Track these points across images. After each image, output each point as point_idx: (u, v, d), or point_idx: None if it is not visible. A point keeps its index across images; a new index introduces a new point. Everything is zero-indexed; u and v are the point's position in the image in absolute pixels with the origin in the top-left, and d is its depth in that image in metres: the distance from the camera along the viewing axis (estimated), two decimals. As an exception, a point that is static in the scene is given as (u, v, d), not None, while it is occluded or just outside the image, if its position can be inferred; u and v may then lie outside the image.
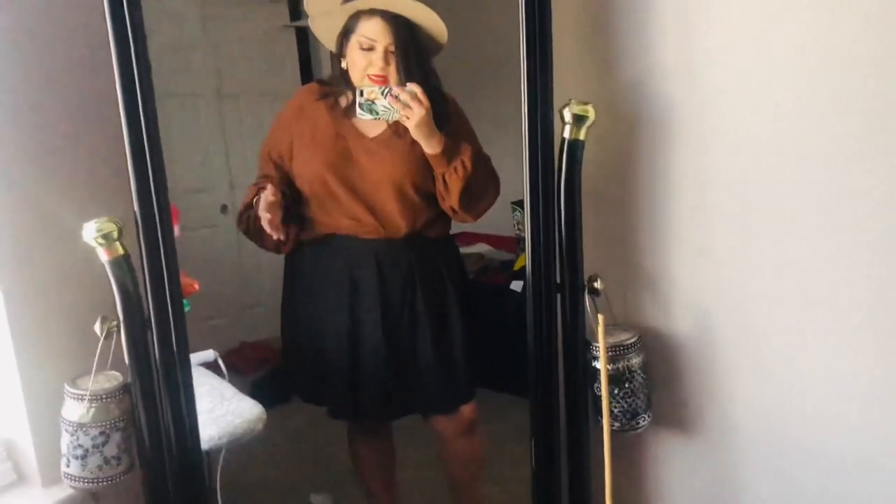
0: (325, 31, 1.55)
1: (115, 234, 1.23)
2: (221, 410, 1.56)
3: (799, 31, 1.24)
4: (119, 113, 1.20)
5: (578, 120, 1.32)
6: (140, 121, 1.22)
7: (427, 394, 1.65)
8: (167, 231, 1.26)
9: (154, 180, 1.23)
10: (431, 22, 1.49)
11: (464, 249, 1.70)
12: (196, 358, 1.53)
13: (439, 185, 1.52)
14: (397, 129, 1.53)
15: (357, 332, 1.61)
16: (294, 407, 2.59)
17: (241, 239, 3.56)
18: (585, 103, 1.31)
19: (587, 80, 1.45)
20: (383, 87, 1.41)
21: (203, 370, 1.66)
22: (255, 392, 1.66)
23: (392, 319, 1.60)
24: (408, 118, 1.41)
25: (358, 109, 1.42)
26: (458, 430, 1.70)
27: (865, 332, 1.28)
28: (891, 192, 1.21)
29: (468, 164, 1.47)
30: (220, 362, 1.65)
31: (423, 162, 1.51)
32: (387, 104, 1.41)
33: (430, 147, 1.46)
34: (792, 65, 1.26)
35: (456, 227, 1.73)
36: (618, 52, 1.42)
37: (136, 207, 1.22)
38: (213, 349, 1.69)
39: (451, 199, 1.52)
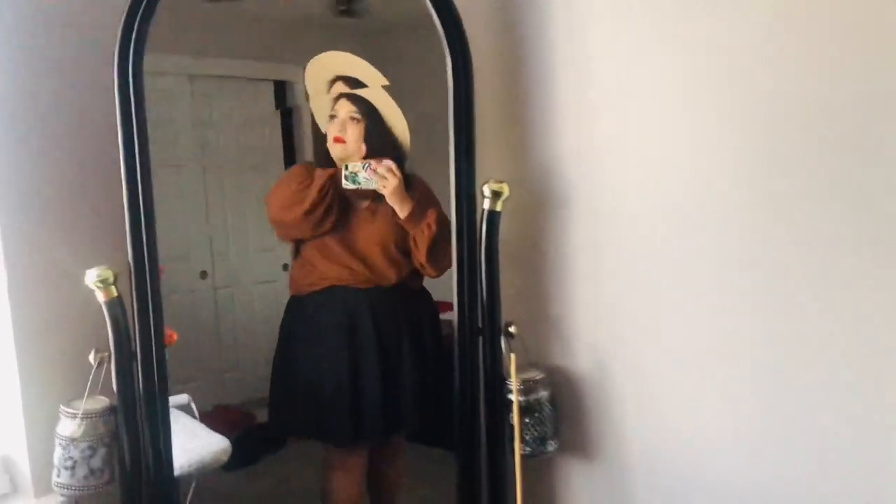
0: (319, 110, 1.91)
1: (111, 280, 1.45)
2: (192, 444, 1.72)
3: (675, 130, 1.53)
4: (120, 177, 1.44)
5: (496, 195, 1.59)
6: (138, 187, 1.46)
7: (409, 418, 1.91)
8: (154, 280, 1.49)
9: (146, 236, 1.47)
10: (391, 113, 1.83)
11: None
12: (172, 401, 1.69)
13: (411, 244, 1.83)
14: (375, 203, 1.84)
15: (357, 365, 1.86)
16: (261, 469, 2.77)
17: (218, 305, 3.75)
18: (501, 181, 1.59)
19: (503, 162, 1.73)
20: (364, 163, 1.74)
21: (177, 412, 1.82)
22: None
23: (385, 353, 1.87)
24: (384, 187, 1.73)
25: (343, 180, 1.74)
26: (399, 452, 1.97)
27: (738, 374, 1.49)
28: (752, 259, 1.44)
29: (433, 225, 1.78)
30: (192, 405, 1.88)
31: (397, 227, 1.82)
32: (367, 175, 1.73)
33: (402, 211, 1.78)
34: (668, 156, 1.54)
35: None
36: (528, 140, 1.72)
37: (130, 258, 1.45)
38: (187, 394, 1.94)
39: (420, 255, 1.82)
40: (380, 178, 1.74)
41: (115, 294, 1.47)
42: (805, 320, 1.40)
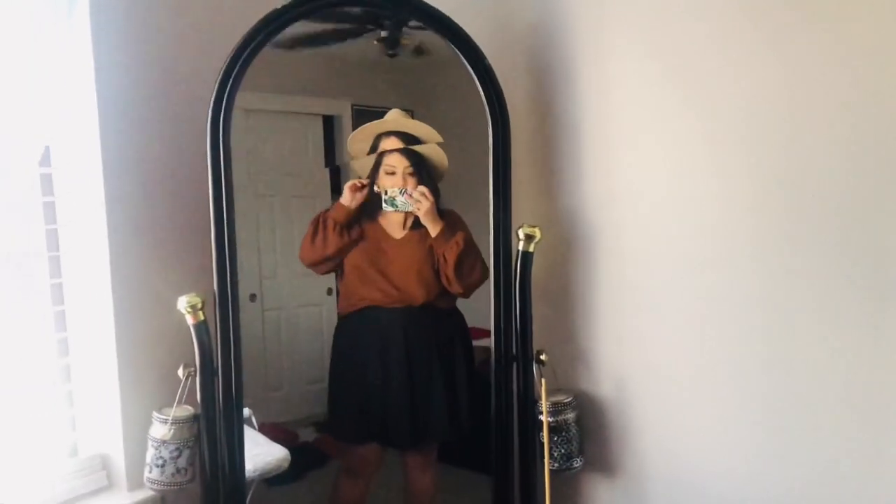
0: (360, 169, 2.15)
1: (199, 306, 1.67)
2: (255, 451, 1.89)
3: (692, 177, 1.69)
4: (209, 215, 1.67)
5: (529, 238, 1.79)
6: (224, 225, 1.68)
7: (437, 425, 2.11)
8: (235, 306, 1.71)
9: (230, 268, 1.70)
10: (437, 156, 2.08)
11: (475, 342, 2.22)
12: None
13: (440, 261, 2.05)
14: (411, 234, 2.08)
15: (389, 378, 2.09)
16: (304, 486, 2.93)
17: (266, 326, 3.96)
18: (534, 226, 1.78)
19: (535, 206, 1.93)
20: (402, 188, 1.99)
21: (244, 427, 2.07)
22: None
23: (415, 368, 2.09)
24: (418, 209, 1.97)
25: (384, 204, 1.99)
26: (430, 460, 2.18)
27: (744, 401, 1.65)
28: (762, 293, 1.60)
29: (461, 243, 2.00)
30: (253, 418, 2.09)
31: (431, 254, 2.05)
32: (403, 200, 1.98)
33: (434, 230, 2.01)
34: (685, 201, 1.71)
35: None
36: (558, 188, 1.92)
37: (215, 286, 1.67)
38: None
39: (447, 270, 2.04)
40: (415, 201, 1.99)
41: (202, 318, 1.68)
42: (810, 354, 1.56)
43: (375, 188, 2.13)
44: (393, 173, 2.06)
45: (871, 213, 1.47)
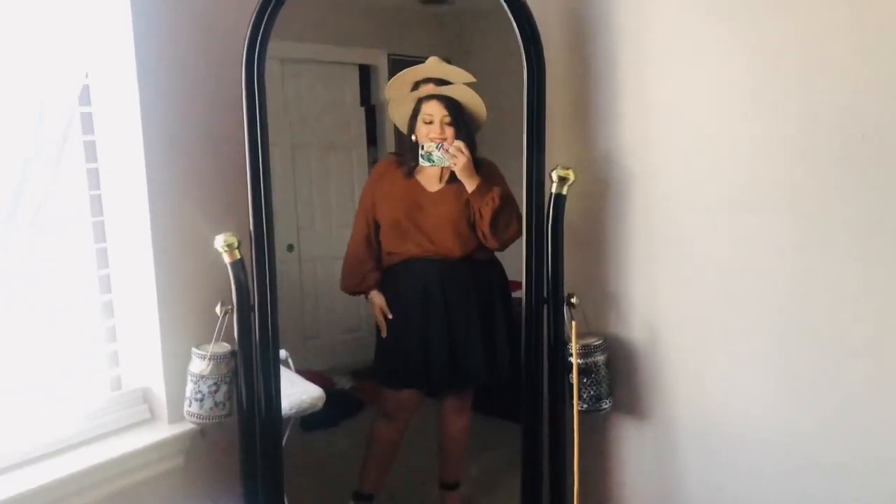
0: (398, 117, 2.16)
1: (236, 245, 1.70)
2: (291, 391, 1.94)
3: (723, 123, 1.68)
4: (244, 157, 1.68)
5: (562, 180, 1.79)
6: (259, 165, 1.70)
7: (476, 371, 2.17)
8: (271, 245, 1.73)
9: (265, 208, 1.71)
10: (474, 103, 2.07)
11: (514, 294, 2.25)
12: (276, 353, 1.98)
13: (476, 216, 2.06)
14: (448, 187, 2.09)
15: (428, 327, 2.15)
16: (340, 432, 3.01)
17: (303, 276, 4.02)
18: (568, 168, 1.78)
19: (570, 151, 1.91)
20: (438, 143, 1.98)
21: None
22: (307, 417, 1.98)
23: (454, 317, 2.14)
24: (455, 164, 1.97)
25: (420, 159, 2.00)
26: (466, 405, 2.22)
27: (772, 346, 1.66)
28: (797, 240, 1.59)
29: (496, 199, 2.01)
30: (290, 360, 2.14)
31: (467, 207, 2.06)
32: (440, 154, 1.98)
33: (470, 185, 2.02)
34: (716, 147, 1.69)
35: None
36: (593, 132, 1.90)
37: (251, 226, 1.70)
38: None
39: (483, 226, 2.06)
40: (451, 156, 1.98)
41: (239, 257, 1.72)
42: (841, 300, 1.55)
43: (413, 138, 2.13)
44: (431, 122, 2.06)
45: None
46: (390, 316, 2.18)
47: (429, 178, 2.15)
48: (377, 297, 2.21)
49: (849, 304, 1.55)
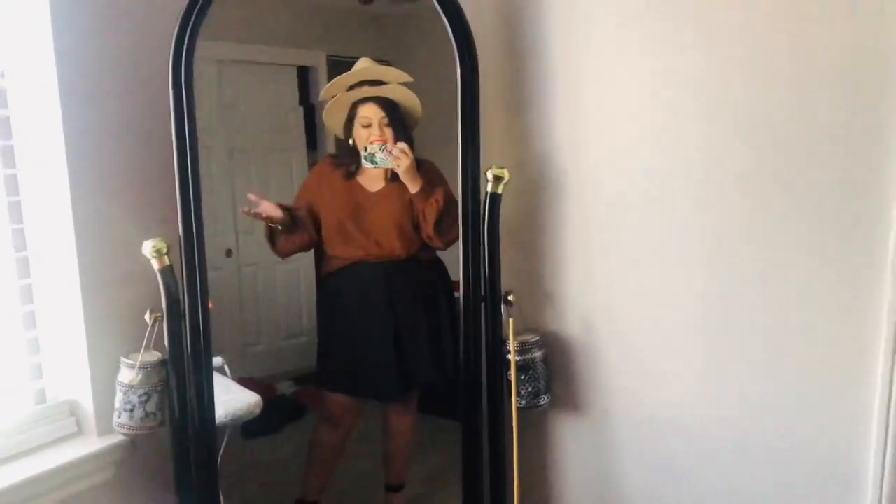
0: (334, 124, 2.14)
1: (165, 250, 1.66)
2: (226, 398, 1.88)
3: (653, 123, 1.71)
4: (172, 160, 1.63)
5: (497, 179, 1.78)
6: (188, 168, 1.65)
7: (422, 374, 2.16)
8: (201, 250, 1.69)
9: (194, 212, 1.67)
10: (411, 102, 2.06)
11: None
12: (210, 361, 1.94)
13: (420, 217, 2.06)
14: (390, 186, 2.07)
15: (373, 330, 2.12)
16: (283, 438, 2.98)
17: (242, 282, 3.95)
18: (502, 167, 1.78)
19: (505, 151, 1.92)
20: (381, 145, 1.97)
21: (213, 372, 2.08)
22: (247, 424, 1.92)
23: (399, 319, 2.13)
24: (398, 166, 1.97)
25: (363, 161, 1.99)
26: (410, 406, 2.22)
27: (697, 337, 1.71)
28: (719, 235, 1.64)
29: (441, 200, 2.02)
30: (226, 367, 2.10)
31: (410, 206, 2.05)
32: (383, 156, 1.98)
33: (414, 187, 2.02)
34: (648, 146, 1.72)
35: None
36: (527, 131, 1.92)
37: (180, 231, 1.66)
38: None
39: (427, 227, 2.05)
40: (394, 158, 1.98)
41: (168, 263, 1.68)
42: (773, 290, 1.60)
43: (350, 142, 2.12)
44: (369, 125, 2.05)
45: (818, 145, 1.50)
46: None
47: (370, 179, 2.13)
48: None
49: (768, 291, 1.60)
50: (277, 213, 2.06)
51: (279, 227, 2.10)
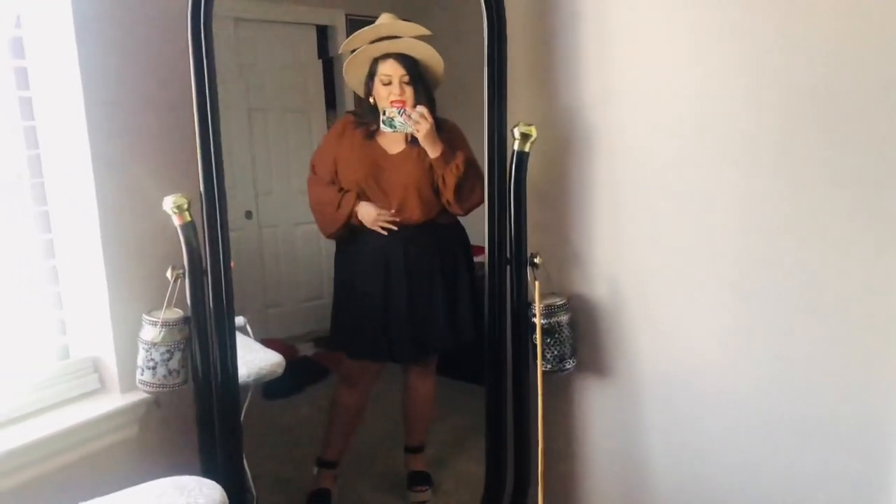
0: (355, 80, 2.08)
1: (185, 206, 1.63)
2: (249, 357, 1.89)
3: (683, 77, 1.64)
4: (193, 117, 1.60)
5: (524, 137, 1.74)
6: (208, 125, 1.62)
7: (438, 338, 2.13)
8: (223, 206, 1.67)
9: (215, 167, 1.64)
10: (432, 59, 2.00)
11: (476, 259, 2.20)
12: (232, 321, 1.93)
13: (439, 183, 2.01)
14: (410, 149, 2.02)
15: (390, 295, 2.09)
16: (304, 399, 2.98)
17: (263, 243, 3.94)
18: (530, 124, 1.73)
19: (532, 106, 1.87)
20: (400, 108, 1.92)
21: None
22: (269, 385, 1.95)
23: (416, 283, 2.10)
24: (418, 130, 1.92)
25: (382, 125, 1.93)
26: (430, 370, 2.19)
27: (728, 304, 1.65)
28: (753, 197, 1.58)
29: (461, 165, 1.97)
30: (248, 327, 2.08)
31: (430, 171, 2.00)
32: (402, 120, 1.92)
33: (433, 152, 1.97)
34: (677, 101, 1.66)
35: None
36: (554, 87, 1.85)
37: (201, 186, 1.63)
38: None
39: (447, 193, 2.01)
40: (413, 122, 1.93)
41: (189, 219, 1.65)
42: (805, 254, 1.55)
43: (371, 101, 2.06)
44: (389, 83, 2.00)
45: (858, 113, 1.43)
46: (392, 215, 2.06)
47: (390, 140, 2.09)
48: (367, 209, 2.07)
49: (804, 258, 1.54)
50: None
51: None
